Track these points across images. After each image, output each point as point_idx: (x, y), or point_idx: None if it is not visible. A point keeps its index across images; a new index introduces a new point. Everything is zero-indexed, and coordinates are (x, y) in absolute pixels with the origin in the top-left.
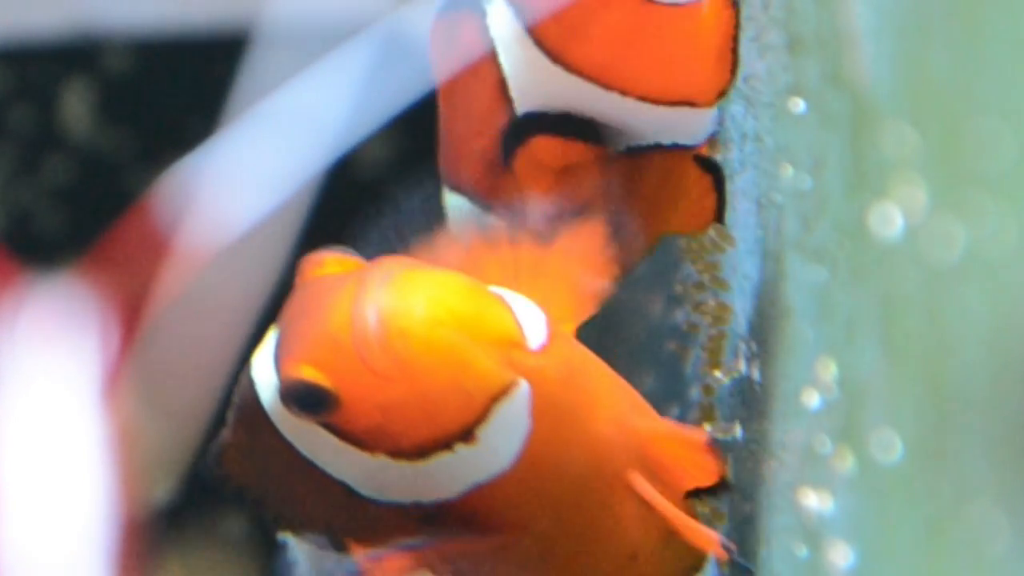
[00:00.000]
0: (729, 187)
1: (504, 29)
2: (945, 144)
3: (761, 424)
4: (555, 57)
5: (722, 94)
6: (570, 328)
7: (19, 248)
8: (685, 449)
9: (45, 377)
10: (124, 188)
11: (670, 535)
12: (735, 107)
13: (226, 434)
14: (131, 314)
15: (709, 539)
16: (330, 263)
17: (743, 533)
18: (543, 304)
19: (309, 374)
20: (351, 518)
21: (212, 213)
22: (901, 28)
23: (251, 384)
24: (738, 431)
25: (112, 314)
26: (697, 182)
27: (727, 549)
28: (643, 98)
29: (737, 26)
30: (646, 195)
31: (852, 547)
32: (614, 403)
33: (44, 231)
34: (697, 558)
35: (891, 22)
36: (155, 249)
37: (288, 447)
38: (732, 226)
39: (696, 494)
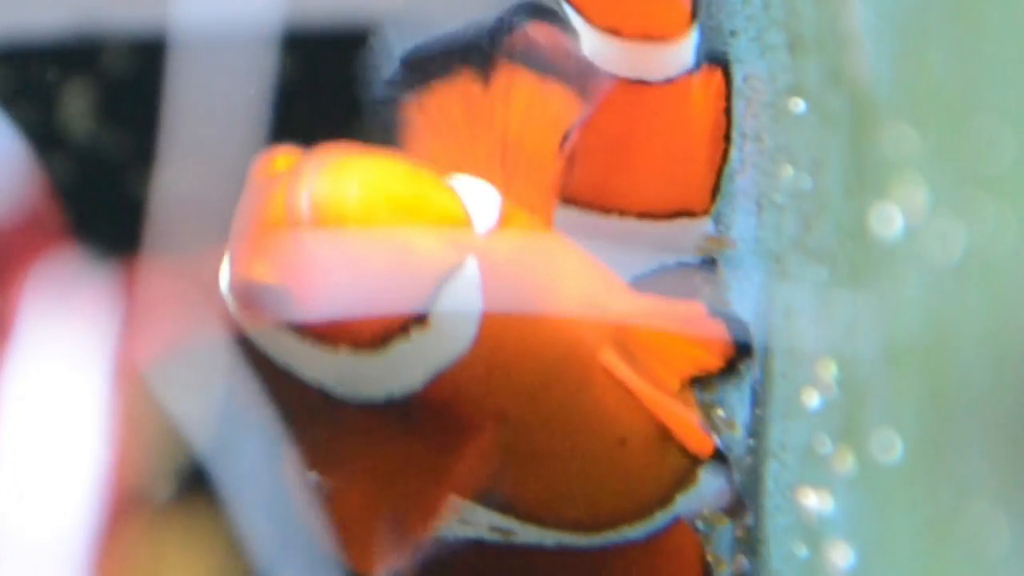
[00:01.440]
0: (729, 187)
1: None
2: (945, 144)
3: (761, 424)
4: None
5: (715, 196)
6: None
7: None
8: (679, 326)
9: (59, 350)
10: (124, 188)
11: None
12: (735, 107)
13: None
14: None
15: (692, 428)
16: (279, 160)
17: (744, 533)
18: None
19: (254, 272)
20: (333, 426)
21: None
22: (901, 28)
23: (223, 301)
24: (738, 430)
25: (138, 309)
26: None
27: (715, 449)
28: (642, 215)
29: (729, 110)
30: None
31: (852, 547)
32: (583, 283)
33: None
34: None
35: (891, 22)
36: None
37: (268, 360)
38: (732, 226)
39: (702, 380)
